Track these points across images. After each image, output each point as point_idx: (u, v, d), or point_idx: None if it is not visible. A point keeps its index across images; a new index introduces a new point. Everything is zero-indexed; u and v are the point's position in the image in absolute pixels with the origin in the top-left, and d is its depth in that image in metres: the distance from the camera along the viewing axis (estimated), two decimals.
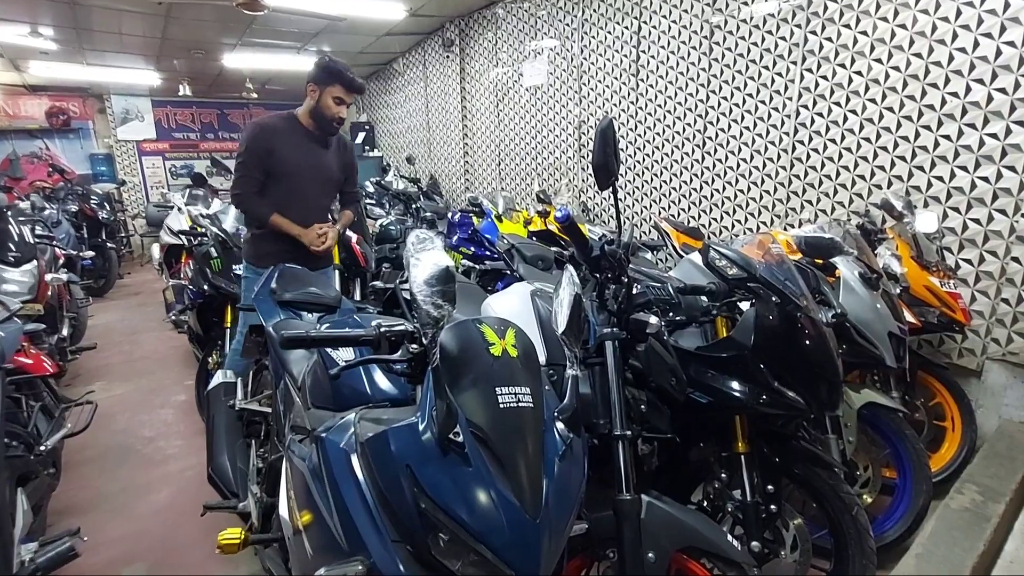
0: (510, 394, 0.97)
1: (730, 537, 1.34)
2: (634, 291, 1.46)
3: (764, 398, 1.54)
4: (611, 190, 1.36)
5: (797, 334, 1.55)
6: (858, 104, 3.05)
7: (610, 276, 1.44)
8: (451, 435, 0.92)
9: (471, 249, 4.11)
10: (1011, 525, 1.86)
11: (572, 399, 1.12)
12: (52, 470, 2.12)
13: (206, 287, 2.90)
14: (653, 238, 4.21)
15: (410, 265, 0.99)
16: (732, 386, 1.59)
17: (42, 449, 1.97)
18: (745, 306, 1.65)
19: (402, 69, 7.33)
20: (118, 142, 8.77)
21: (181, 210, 4.51)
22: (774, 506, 1.65)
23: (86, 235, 6.18)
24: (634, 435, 1.40)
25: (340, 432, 1.07)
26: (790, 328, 1.54)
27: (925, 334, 2.56)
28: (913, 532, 1.98)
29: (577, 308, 1.17)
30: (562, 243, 4.03)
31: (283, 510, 1.24)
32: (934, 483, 2.05)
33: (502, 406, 0.95)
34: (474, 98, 6.20)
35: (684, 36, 3.93)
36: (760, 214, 3.59)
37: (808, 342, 1.55)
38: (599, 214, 4.86)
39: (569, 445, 1.02)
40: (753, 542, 1.62)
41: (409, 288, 0.97)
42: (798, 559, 1.68)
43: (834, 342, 1.62)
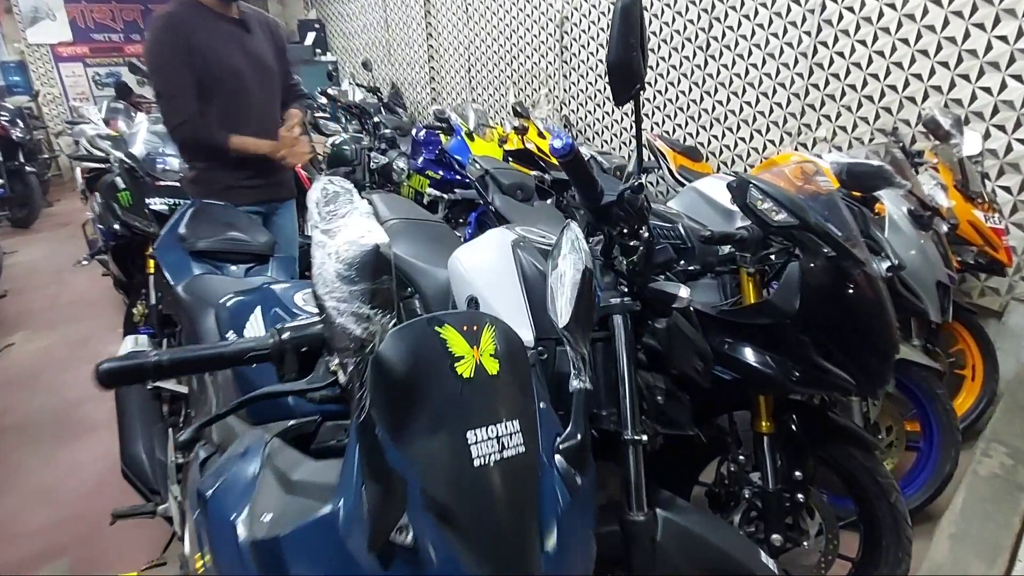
0: (490, 439, 0.64)
1: (764, 557, 1.08)
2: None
3: (805, 377, 1.24)
4: (633, 102, 0.93)
5: (852, 297, 1.22)
6: None
7: (625, 231, 1.05)
8: (395, 531, 0.57)
9: (439, 173, 3.61)
10: None
11: (579, 423, 0.78)
12: None
13: (116, 226, 2.39)
14: (644, 159, 3.75)
15: (314, 244, 0.57)
16: (765, 362, 1.28)
17: None
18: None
19: None
20: (29, 47, 7.58)
21: (97, 126, 3.81)
22: (801, 495, 1.39)
23: (0, 159, 5.36)
24: (650, 439, 1.08)
25: (231, 492, 0.71)
26: (844, 289, 1.21)
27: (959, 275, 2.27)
28: (936, 498, 1.80)
29: (586, 290, 0.79)
30: (543, 164, 3.56)
31: (185, 542, 0.91)
32: None
33: (477, 463, 0.62)
34: None
35: None
36: (768, 131, 3.15)
37: (865, 306, 1.23)
38: (584, 130, 4.32)
39: (575, 492, 0.75)
40: (774, 535, 1.38)
41: (313, 286, 0.56)
42: (823, 548, 1.46)
43: (891, 304, 1.29)
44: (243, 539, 0.62)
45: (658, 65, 3.65)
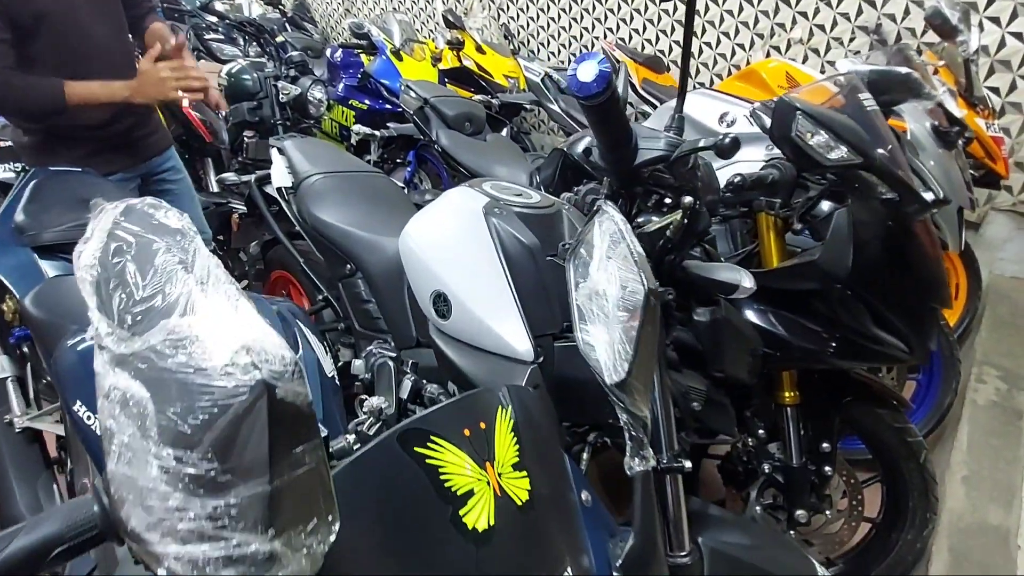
0: None
1: (821, 570, 0.91)
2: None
3: (846, 348, 1.03)
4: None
5: (913, 248, 0.99)
6: None
7: (666, 198, 0.74)
8: None
9: (365, 102, 3.07)
10: None
11: (644, 520, 0.53)
12: None
13: None
14: None
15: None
16: (800, 332, 1.05)
17: None
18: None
19: None
20: None
21: None
22: (828, 467, 1.24)
23: None
24: (692, 455, 0.85)
25: None
26: (906, 240, 0.97)
27: None
28: (934, 431, 1.73)
29: (649, 326, 0.49)
30: (486, 85, 3.09)
31: None
32: None
33: None
34: None
35: None
36: (737, 33, 2.81)
37: (923, 257, 1.01)
38: (527, 42, 3.80)
39: None
40: (798, 511, 1.24)
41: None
42: (847, 516, 1.34)
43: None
44: None
45: None
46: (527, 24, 3.78)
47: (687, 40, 0.76)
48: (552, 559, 0.41)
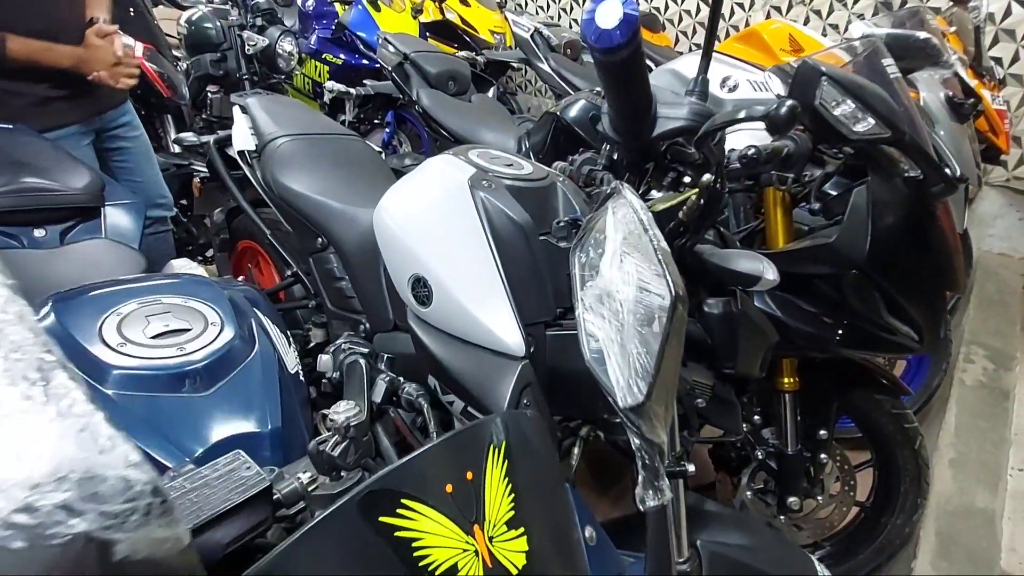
0: None
1: (821, 568, 0.88)
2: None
3: (854, 335, 0.97)
4: None
5: (933, 230, 0.92)
6: None
7: (687, 175, 0.64)
8: None
9: (339, 57, 2.86)
10: None
11: (656, 559, 0.46)
12: None
13: None
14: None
15: None
16: (806, 318, 0.98)
17: None
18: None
19: None
20: None
21: None
22: (824, 455, 1.20)
23: None
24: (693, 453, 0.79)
25: None
26: (927, 221, 0.90)
27: None
28: (920, 411, 1.72)
29: (675, 337, 0.40)
30: (470, 40, 2.91)
31: None
32: None
33: None
34: None
35: None
36: None
37: (941, 241, 0.94)
38: None
39: None
40: (791, 498, 1.21)
41: None
42: (838, 500, 1.31)
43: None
44: None
45: None
46: None
47: None
48: None
